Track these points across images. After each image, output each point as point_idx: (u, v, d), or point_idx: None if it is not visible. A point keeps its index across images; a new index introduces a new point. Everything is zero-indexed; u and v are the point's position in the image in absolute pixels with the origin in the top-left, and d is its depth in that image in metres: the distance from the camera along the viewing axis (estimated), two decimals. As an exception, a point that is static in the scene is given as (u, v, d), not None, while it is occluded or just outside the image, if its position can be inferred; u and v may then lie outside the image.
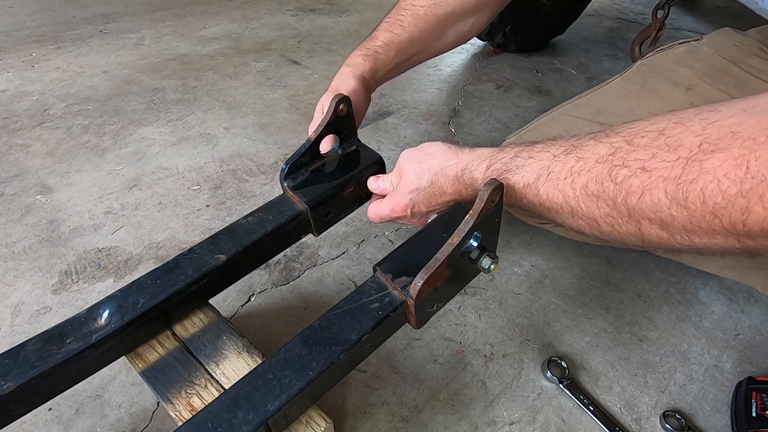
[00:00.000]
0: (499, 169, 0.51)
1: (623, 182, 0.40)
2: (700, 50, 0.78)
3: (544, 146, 0.49)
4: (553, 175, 0.47)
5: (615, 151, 0.42)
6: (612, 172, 0.41)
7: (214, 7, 1.95)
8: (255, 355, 0.56)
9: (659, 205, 0.38)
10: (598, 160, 0.43)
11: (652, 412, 0.69)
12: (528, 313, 0.82)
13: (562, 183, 0.46)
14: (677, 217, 0.37)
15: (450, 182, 0.55)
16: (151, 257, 0.89)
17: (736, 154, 0.33)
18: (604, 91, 0.82)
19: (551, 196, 0.47)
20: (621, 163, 0.41)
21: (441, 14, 0.77)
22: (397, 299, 0.51)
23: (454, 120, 1.30)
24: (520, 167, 0.50)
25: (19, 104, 1.31)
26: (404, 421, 0.67)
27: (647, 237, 0.42)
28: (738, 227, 0.34)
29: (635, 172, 0.40)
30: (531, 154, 0.50)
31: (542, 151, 0.49)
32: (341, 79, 0.71)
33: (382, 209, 0.62)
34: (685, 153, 0.37)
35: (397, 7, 0.78)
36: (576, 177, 0.45)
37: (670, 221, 0.38)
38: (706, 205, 0.35)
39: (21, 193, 1.02)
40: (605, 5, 2.06)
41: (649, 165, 0.39)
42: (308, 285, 0.85)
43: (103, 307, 0.53)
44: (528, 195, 0.49)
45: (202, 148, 1.17)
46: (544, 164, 0.48)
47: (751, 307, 0.84)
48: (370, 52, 0.74)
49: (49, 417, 0.66)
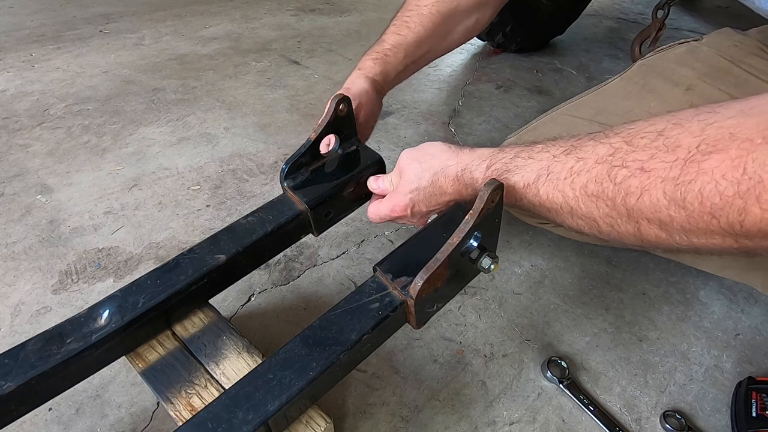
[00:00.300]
0: (499, 169, 0.51)
1: (622, 183, 0.41)
2: (700, 50, 0.78)
3: (544, 146, 0.49)
4: (553, 175, 0.47)
5: (614, 152, 0.42)
6: (611, 172, 0.42)
7: (214, 7, 1.95)
8: (255, 355, 0.56)
9: (658, 205, 0.38)
10: (598, 161, 0.43)
11: (652, 412, 0.69)
12: (528, 313, 0.82)
13: (561, 183, 0.46)
14: (676, 218, 0.38)
15: (450, 182, 0.56)
16: (151, 257, 0.89)
17: (733, 155, 0.34)
18: (604, 91, 0.82)
19: (551, 196, 0.47)
20: (620, 164, 0.41)
21: (445, 12, 0.77)
22: (397, 299, 0.51)
23: (454, 120, 1.30)
24: (520, 167, 0.50)
25: (19, 104, 1.31)
26: (404, 421, 0.67)
27: (646, 237, 0.42)
28: (735, 228, 0.35)
29: (634, 173, 0.40)
30: (531, 154, 0.50)
31: (542, 152, 0.49)
32: (353, 81, 0.72)
33: (382, 209, 0.62)
34: (683, 154, 0.37)
35: (403, 9, 0.79)
36: (576, 177, 0.45)
37: (669, 221, 0.38)
38: (704, 205, 0.35)
39: (21, 193, 1.02)
40: (605, 5, 2.06)
41: (648, 166, 0.39)
42: (308, 285, 0.85)
43: (103, 307, 0.53)
44: (528, 195, 0.49)
45: (202, 148, 1.17)
46: (544, 164, 0.48)
47: (751, 307, 0.84)
48: (380, 55, 0.74)
49: (49, 417, 0.66)
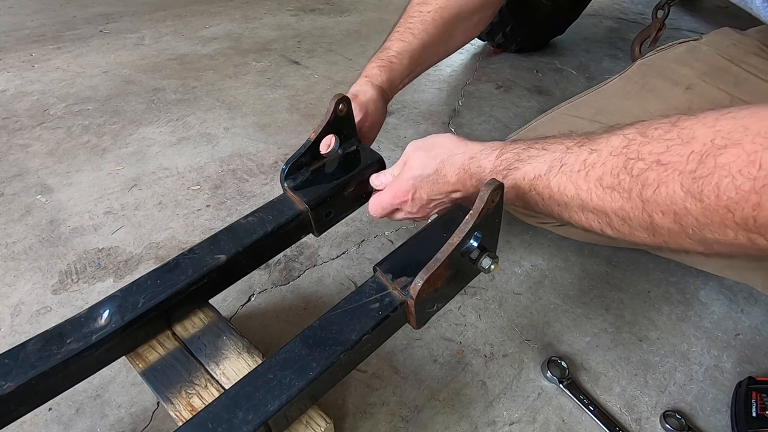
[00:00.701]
0: (509, 159, 0.51)
1: (640, 175, 0.41)
2: (700, 49, 0.78)
3: (559, 139, 0.49)
4: (566, 167, 0.46)
5: (629, 143, 0.42)
6: (628, 164, 0.41)
7: (214, 7, 1.95)
8: (255, 355, 0.56)
9: (674, 197, 0.38)
10: (612, 153, 0.43)
11: (652, 412, 0.69)
12: (528, 313, 0.82)
13: (575, 175, 0.46)
14: (691, 210, 0.38)
15: (455, 171, 0.55)
16: (151, 257, 0.89)
17: (749, 150, 0.34)
18: (603, 91, 0.82)
19: (562, 188, 0.47)
20: (636, 156, 0.41)
21: (448, 17, 0.77)
22: (397, 299, 0.51)
23: (454, 120, 1.30)
24: (533, 158, 0.49)
25: (19, 104, 1.31)
26: (404, 421, 0.67)
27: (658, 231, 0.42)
28: (749, 223, 0.35)
29: (651, 166, 0.40)
30: (544, 146, 0.50)
31: (556, 143, 0.49)
32: (360, 89, 0.72)
33: (384, 197, 0.62)
34: (699, 147, 0.37)
35: (406, 15, 0.79)
36: (590, 170, 0.44)
37: (684, 214, 0.38)
38: (720, 199, 0.36)
39: (21, 193, 1.02)
40: (605, 5, 2.06)
41: (665, 158, 0.39)
42: (308, 285, 0.85)
43: (103, 307, 0.53)
44: (538, 186, 0.49)
45: (202, 148, 1.17)
46: (557, 156, 0.48)
47: (751, 307, 0.84)
48: (385, 62, 0.75)
49: (49, 417, 0.66)
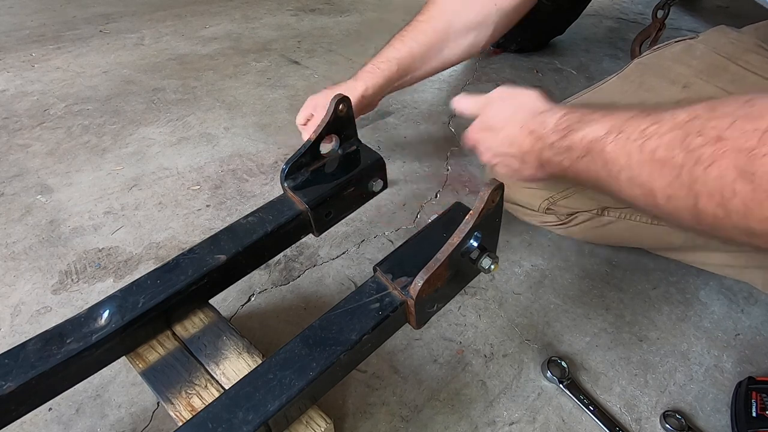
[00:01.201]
0: (572, 119, 0.52)
1: (694, 150, 0.39)
2: (696, 48, 0.78)
3: (625, 108, 0.49)
4: (624, 134, 0.46)
5: (694, 118, 0.41)
6: (686, 139, 0.40)
7: (214, 7, 1.95)
8: (255, 356, 0.56)
9: (725, 177, 0.37)
10: (674, 126, 0.42)
11: (652, 412, 0.69)
12: (528, 313, 0.82)
13: (630, 144, 0.45)
14: (740, 192, 0.37)
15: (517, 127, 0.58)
16: (151, 257, 0.89)
17: None
18: (601, 90, 0.82)
19: (615, 156, 0.46)
20: (697, 131, 0.40)
21: (439, 28, 0.81)
22: (398, 299, 0.51)
23: (454, 120, 1.30)
24: (595, 121, 0.50)
25: (19, 104, 1.31)
26: (404, 421, 0.67)
27: (702, 215, 0.40)
28: None
29: (709, 141, 0.39)
30: (609, 112, 0.50)
31: (622, 111, 0.49)
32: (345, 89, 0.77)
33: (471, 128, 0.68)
34: (765, 125, 0.35)
35: (407, 24, 0.84)
36: (647, 141, 0.44)
37: (731, 197, 0.37)
38: None
39: (21, 193, 1.02)
40: (605, 5, 2.06)
41: (726, 134, 0.38)
42: (308, 285, 0.85)
43: (103, 307, 0.53)
44: (593, 150, 0.49)
45: (202, 148, 1.17)
46: (618, 123, 0.47)
47: (751, 307, 0.84)
48: (374, 68, 0.81)
49: (49, 417, 0.66)
